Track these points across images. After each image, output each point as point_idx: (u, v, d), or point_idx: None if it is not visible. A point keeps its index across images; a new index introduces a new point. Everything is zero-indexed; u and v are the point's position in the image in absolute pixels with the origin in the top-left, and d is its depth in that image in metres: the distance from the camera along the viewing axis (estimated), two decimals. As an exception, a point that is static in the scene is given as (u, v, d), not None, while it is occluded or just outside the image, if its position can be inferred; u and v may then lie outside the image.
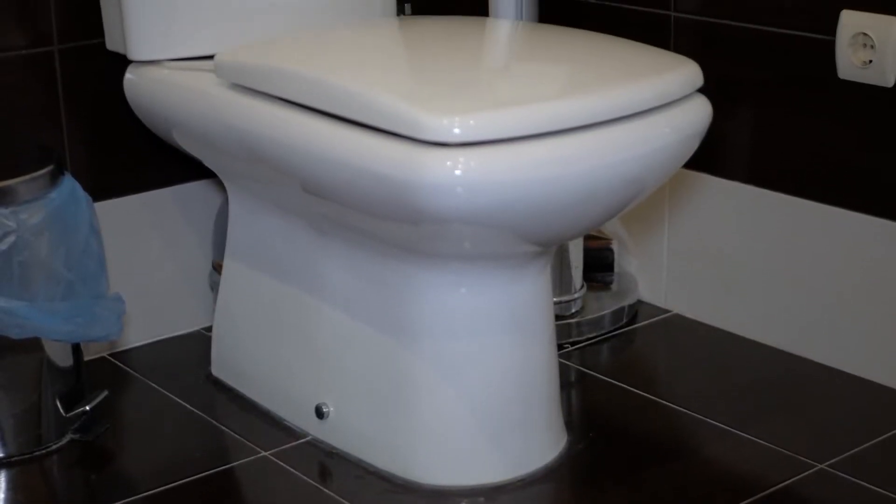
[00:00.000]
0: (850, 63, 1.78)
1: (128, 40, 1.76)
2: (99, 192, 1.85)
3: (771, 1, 1.88)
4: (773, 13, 1.88)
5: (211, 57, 1.70)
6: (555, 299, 1.96)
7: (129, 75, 1.80)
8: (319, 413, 1.71)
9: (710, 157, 1.93)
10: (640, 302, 2.11)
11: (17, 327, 1.61)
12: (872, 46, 1.76)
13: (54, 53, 1.84)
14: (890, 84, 1.76)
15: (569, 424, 1.75)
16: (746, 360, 1.94)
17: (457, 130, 1.37)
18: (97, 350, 1.95)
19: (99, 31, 1.84)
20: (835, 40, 1.80)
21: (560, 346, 1.94)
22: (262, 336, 1.79)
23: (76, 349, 1.73)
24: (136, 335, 1.98)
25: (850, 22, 1.78)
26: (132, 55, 1.77)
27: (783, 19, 1.86)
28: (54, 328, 1.63)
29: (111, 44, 1.83)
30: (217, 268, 1.97)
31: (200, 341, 2.00)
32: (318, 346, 1.71)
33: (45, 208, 1.62)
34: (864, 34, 1.76)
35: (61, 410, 1.72)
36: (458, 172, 1.38)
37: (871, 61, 1.76)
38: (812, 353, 1.92)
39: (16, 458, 1.70)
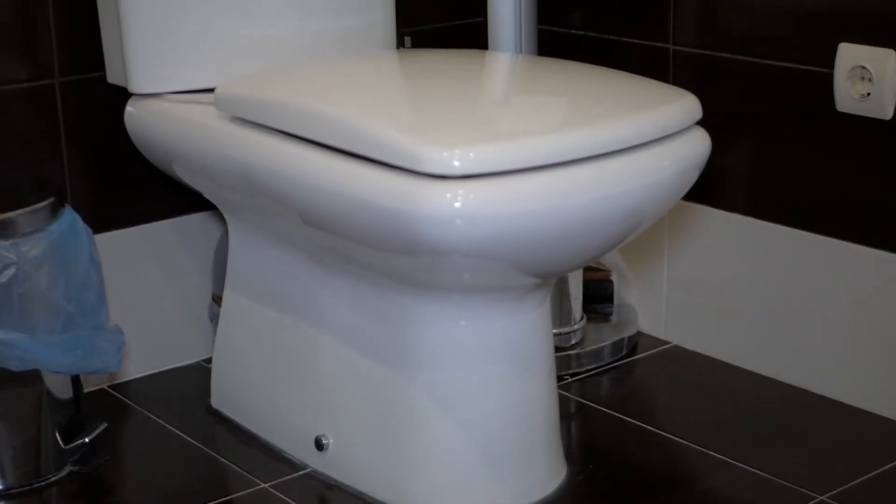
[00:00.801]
0: (848, 95, 1.79)
1: (128, 73, 1.76)
2: (99, 223, 1.86)
3: (769, 34, 1.89)
4: (771, 46, 1.88)
5: (211, 90, 1.70)
6: (554, 331, 1.96)
7: (130, 108, 1.81)
8: (319, 445, 1.70)
9: (710, 188, 1.93)
10: (639, 333, 2.11)
11: (17, 359, 1.60)
12: (870, 79, 1.76)
13: (55, 86, 1.84)
14: (888, 116, 1.76)
15: (568, 456, 1.74)
16: (746, 392, 1.94)
17: (456, 163, 1.38)
18: (97, 382, 1.95)
19: (100, 64, 1.85)
20: (833, 73, 1.80)
21: (560, 378, 1.94)
22: (262, 368, 1.79)
23: (76, 381, 1.73)
24: (136, 367, 1.98)
25: (848, 55, 1.78)
26: (133, 88, 1.78)
27: (781, 52, 1.87)
28: (54, 360, 1.63)
29: (112, 77, 1.84)
30: (217, 299, 1.97)
31: (200, 373, 2.00)
32: (317, 378, 1.70)
33: (46, 240, 1.62)
34: (862, 67, 1.77)
35: (60, 442, 1.71)
36: (457, 205, 1.38)
37: (869, 94, 1.77)
38: (812, 384, 1.92)
39: (15, 491, 1.69)
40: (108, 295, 1.71)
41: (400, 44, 1.94)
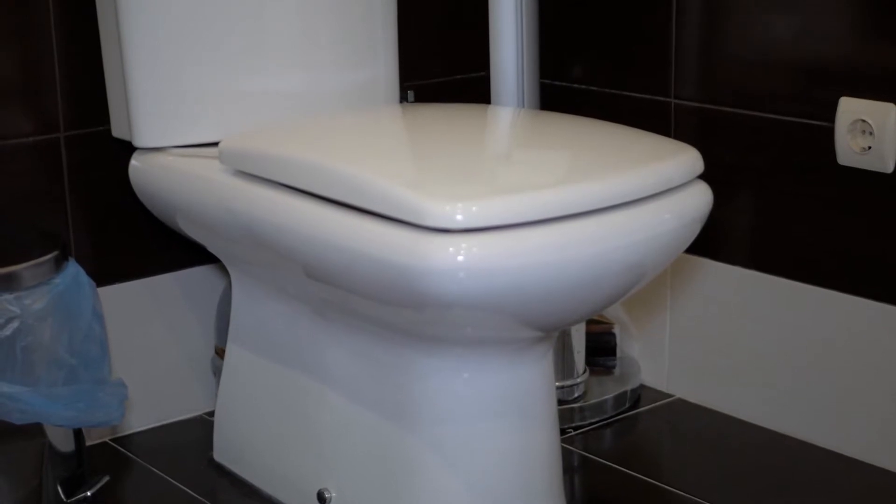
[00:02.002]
0: (849, 149, 1.80)
1: (133, 128, 1.77)
2: (102, 277, 1.86)
3: (770, 88, 1.90)
4: (772, 100, 1.89)
5: (215, 144, 1.71)
6: (557, 384, 1.96)
7: (135, 162, 1.82)
8: (322, 499, 1.70)
9: (712, 241, 1.94)
10: (642, 386, 2.11)
11: (19, 412, 1.60)
12: (871, 133, 1.77)
13: (60, 140, 1.85)
14: (889, 170, 1.77)
15: (572, 510, 1.74)
16: (750, 445, 1.94)
17: (459, 217, 1.38)
18: (99, 435, 1.95)
19: (105, 118, 1.86)
20: (834, 127, 1.81)
21: (563, 431, 1.94)
22: (265, 421, 1.79)
23: (78, 434, 1.73)
24: (139, 420, 1.98)
25: (849, 109, 1.79)
26: (137, 142, 1.78)
27: (782, 106, 1.88)
28: (56, 413, 1.63)
29: (117, 131, 1.85)
30: (219, 353, 1.97)
31: (202, 426, 1.99)
32: (320, 431, 1.70)
33: (49, 294, 1.63)
34: (863, 121, 1.78)
35: (62, 496, 1.71)
36: (460, 258, 1.38)
37: (869, 147, 1.78)
38: (815, 437, 1.91)
39: (16, 545, 1.69)
40: (110, 348, 1.71)
41: (403, 98, 1.95)
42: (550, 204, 1.42)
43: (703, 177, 1.57)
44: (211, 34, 1.76)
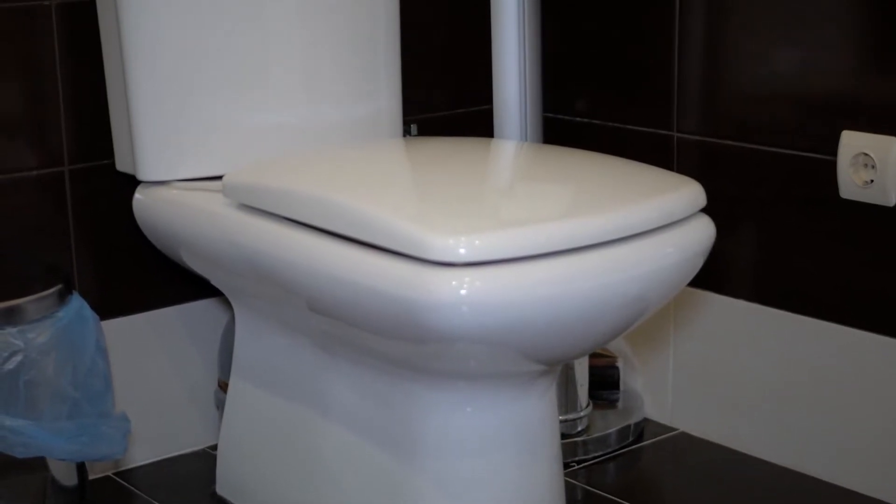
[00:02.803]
0: (851, 183, 1.80)
1: (137, 161, 1.78)
2: (106, 310, 1.86)
3: (772, 121, 1.90)
4: (774, 133, 1.90)
5: (219, 177, 1.72)
6: (560, 417, 1.95)
7: (139, 195, 1.82)
8: (324, 533, 1.70)
9: (715, 275, 1.94)
10: (646, 420, 2.10)
11: (22, 446, 1.60)
12: (873, 166, 1.77)
13: (65, 174, 1.86)
14: (891, 203, 1.77)
15: (575, 544, 1.73)
16: (753, 479, 1.93)
17: (462, 250, 1.39)
18: (102, 469, 1.94)
19: (109, 152, 1.86)
20: (836, 160, 1.81)
21: (566, 465, 1.93)
22: (268, 455, 1.79)
23: (81, 468, 1.73)
24: (141, 454, 1.98)
25: (851, 142, 1.80)
26: (141, 176, 1.79)
27: (785, 139, 1.89)
28: (59, 447, 1.63)
29: (121, 165, 1.85)
30: (223, 386, 1.97)
31: (205, 460, 1.99)
32: (323, 465, 1.70)
33: (53, 327, 1.63)
34: (865, 154, 1.78)
35: (65, 530, 1.71)
36: (463, 292, 1.38)
37: (872, 181, 1.78)
38: (819, 471, 1.91)
39: (18, 579, 1.68)
40: (113, 381, 1.71)
41: (406, 132, 1.96)
42: (553, 237, 1.43)
43: (706, 210, 1.57)
44: (215, 68, 1.77)
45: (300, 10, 1.82)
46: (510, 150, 1.87)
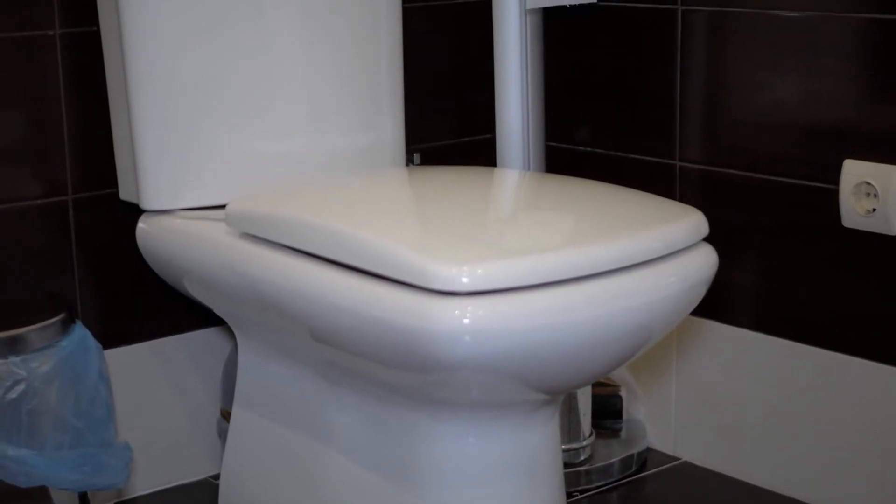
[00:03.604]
0: (853, 211, 1.80)
1: (141, 190, 1.78)
2: (109, 339, 1.86)
3: (775, 150, 1.90)
4: (777, 162, 1.90)
5: (222, 206, 1.72)
6: (563, 447, 1.95)
7: (142, 224, 1.82)
8: (327, 563, 1.69)
9: (717, 304, 1.94)
10: (649, 449, 2.10)
11: (24, 475, 1.60)
12: (875, 195, 1.78)
13: (68, 203, 1.86)
14: (894, 232, 1.77)
15: (578, 574, 1.73)
16: (757, 509, 1.93)
17: (465, 280, 1.39)
18: (104, 498, 1.94)
19: (112, 181, 1.87)
20: (838, 189, 1.82)
21: (569, 495, 1.93)
22: (271, 484, 1.78)
23: (83, 497, 1.72)
24: (144, 483, 1.97)
25: (853, 171, 1.80)
26: (145, 205, 1.79)
27: (787, 168, 1.89)
28: (62, 477, 1.62)
29: (124, 194, 1.85)
30: (225, 415, 1.97)
31: (208, 489, 1.99)
32: (326, 494, 1.69)
33: (56, 356, 1.63)
34: (868, 183, 1.78)
35: (67, 560, 1.70)
36: (466, 321, 1.38)
37: (874, 210, 1.78)
38: (822, 500, 1.90)
39: None
40: (116, 410, 1.71)
41: (409, 160, 1.96)
42: (556, 267, 1.43)
43: (709, 239, 1.58)
44: (218, 98, 1.78)
45: (304, 39, 1.82)
46: (513, 178, 1.87)
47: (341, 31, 1.85)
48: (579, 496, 1.97)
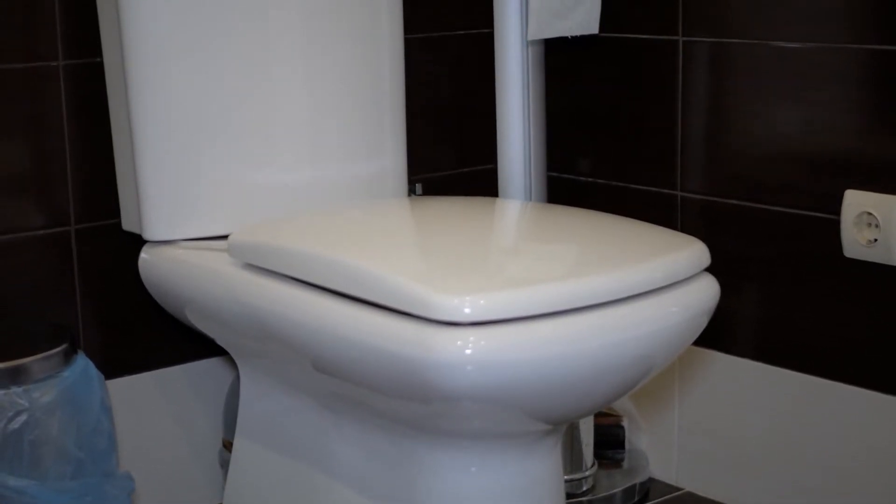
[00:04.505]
0: (855, 242, 1.80)
1: (143, 221, 1.78)
2: (111, 369, 1.86)
3: (776, 180, 1.91)
4: (778, 192, 1.90)
5: (225, 237, 1.72)
6: (565, 477, 1.95)
7: (144, 255, 1.83)
8: None
9: (719, 334, 1.94)
10: (651, 479, 2.10)
11: (26, 506, 1.60)
12: (877, 225, 1.78)
13: (71, 233, 1.87)
14: (895, 262, 1.77)
15: None
16: (760, 539, 1.92)
17: (467, 310, 1.39)
18: (105, 529, 1.94)
19: (115, 211, 1.87)
20: (839, 219, 1.82)
21: (571, 525, 1.93)
22: (272, 515, 1.78)
23: (85, 528, 1.72)
24: (145, 513, 1.97)
25: (855, 201, 1.80)
26: (147, 235, 1.79)
27: (788, 198, 1.89)
28: (63, 507, 1.62)
29: (127, 224, 1.86)
30: (227, 446, 1.96)
31: (209, 520, 1.98)
32: (327, 525, 1.69)
33: (58, 387, 1.63)
34: (869, 213, 1.78)
35: (68, 591, 1.70)
36: (468, 351, 1.39)
37: (875, 240, 1.78)
38: (826, 531, 1.90)
39: None
40: (118, 440, 1.71)
41: (411, 191, 1.97)
42: (558, 297, 1.43)
43: (710, 269, 1.58)
44: (221, 129, 1.78)
45: (306, 71, 1.83)
46: (514, 209, 1.87)
47: (343, 62, 1.86)
48: (581, 527, 1.96)
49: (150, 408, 1.96)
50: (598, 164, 2.13)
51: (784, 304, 1.91)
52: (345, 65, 1.86)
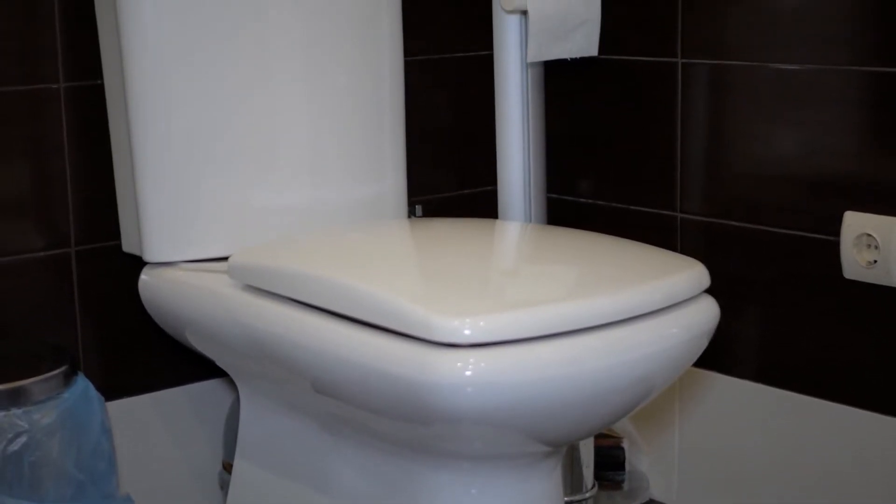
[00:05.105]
0: (854, 263, 1.81)
1: (143, 243, 1.79)
2: (111, 391, 1.86)
3: (775, 202, 1.91)
4: (777, 214, 1.91)
5: (225, 258, 1.72)
6: (566, 499, 1.94)
7: (145, 276, 1.83)
8: None
9: (719, 355, 1.94)
10: (651, 501, 2.09)
11: (25, 528, 1.60)
12: (876, 247, 1.78)
13: (71, 255, 1.87)
14: (895, 283, 1.77)
15: None
16: (760, 561, 1.92)
17: (467, 332, 1.39)
18: (105, 551, 1.93)
19: (115, 233, 1.87)
20: (839, 241, 1.82)
21: (572, 547, 1.92)
22: (272, 537, 1.78)
23: (84, 550, 1.72)
24: (145, 536, 1.97)
25: (854, 223, 1.80)
26: (147, 257, 1.80)
27: (788, 220, 1.89)
28: (63, 529, 1.62)
29: (127, 246, 1.86)
30: (227, 467, 1.96)
31: (209, 542, 1.98)
32: (327, 547, 1.69)
33: (58, 408, 1.63)
34: (868, 235, 1.79)
35: None
36: (468, 373, 1.39)
37: (875, 261, 1.78)
38: (826, 553, 1.90)
39: None
40: (118, 462, 1.71)
41: (411, 212, 1.97)
42: (558, 319, 1.43)
43: (710, 291, 1.58)
44: (221, 151, 1.78)
45: (307, 93, 1.84)
46: (514, 230, 1.87)
47: (344, 85, 1.86)
48: (582, 549, 1.96)
49: (150, 429, 1.96)
50: (598, 186, 2.14)
51: (784, 326, 1.91)
52: (345, 87, 1.86)
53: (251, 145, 1.80)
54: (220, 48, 1.77)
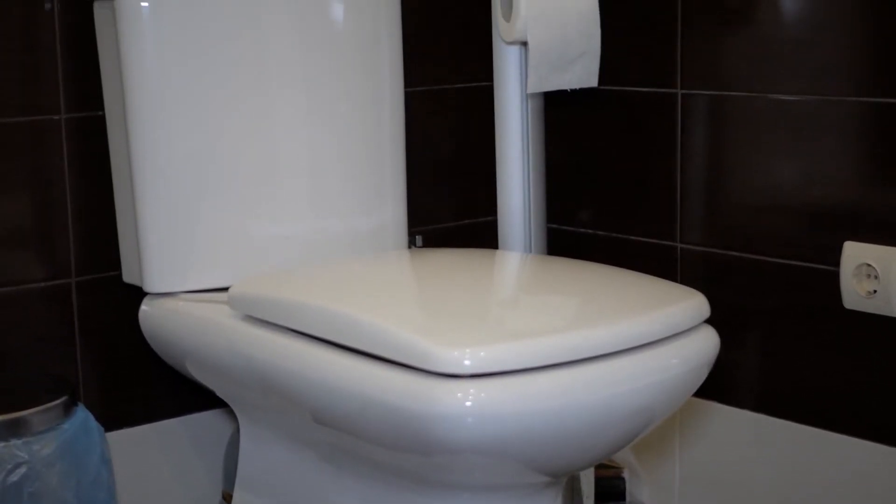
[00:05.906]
0: (854, 293, 1.81)
1: (144, 273, 1.79)
2: (111, 421, 1.86)
3: (775, 232, 1.91)
4: (777, 244, 1.91)
5: (225, 289, 1.72)
6: (566, 530, 1.94)
7: (145, 307, 1.83)
8: None
9: (720, 385, 1.94)
10: (652, 532, 2.09)
11: (25, 560, 1.59)
12: (876, 277, 1.78)
13: (72, 286, 1.87)
14: (895, 313, 1.77)
15: None
16: (762, 592, 1.91)
17: (467, 362, 1.39)
18: (104, 582, 1.93)
19: (116, 264, 1.88)
20: (839, 271, 1.82)
21: (572, 578, 1.92)
22: (272, 568, 1.77)
23: (84, 582, 1.72)
24: (145, 567, 1.96)
25: (854, 253, 1.81)
26: (148, 287, 1.80)
27: (788, 250, 1.90)
28: (62, 560, 1.62)
29: (128, 276, 1.86)
30: (227, 498, 1.96)
31: (209, 573, 1.98)
32: (327, 579, 1.69)
33: (58, 439, 1.62)
34: (868, 265, 1.79)
35: None
36: (468, 404, 1.38)
37: (875, 291, 1.79)
38: (828, 584, 1.89)
39: None
40: (118, 493, 1.71)
41: (411, 243, 1.97)
42: (558, 349, 1.43)
43: (710, 321, 1.58)
44: (222, 182, 1.79)
45: (307, 124, 1.84)
46: (515, 261, 1.88)
47: (344, 116, 1.87)
48: (583, 580, 1.95)
49: (150, 460, 1.96)
50: (598, 216, 2.14)
51: (784, 356, 1.91)
52: (346, 118, 1.87)
53: (252, 177, 1.81)
54: (221, 83, 1.77)
